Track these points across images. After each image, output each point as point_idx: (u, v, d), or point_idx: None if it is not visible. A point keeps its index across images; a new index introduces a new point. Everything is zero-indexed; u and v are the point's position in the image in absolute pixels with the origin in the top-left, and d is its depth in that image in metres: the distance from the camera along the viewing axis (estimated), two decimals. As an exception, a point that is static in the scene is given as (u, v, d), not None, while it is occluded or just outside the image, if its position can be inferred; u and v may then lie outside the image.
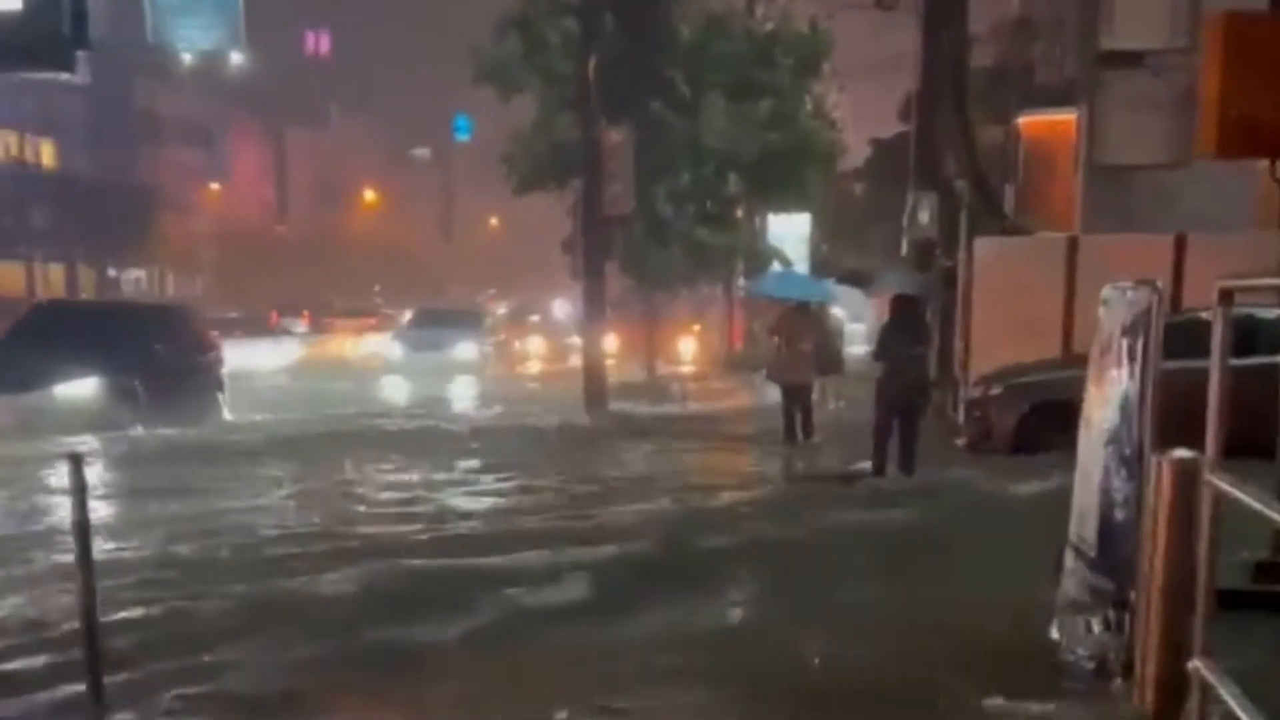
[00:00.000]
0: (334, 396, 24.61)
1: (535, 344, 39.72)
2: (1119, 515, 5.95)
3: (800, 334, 16.79)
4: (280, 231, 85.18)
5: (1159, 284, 5.85)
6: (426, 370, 28.97)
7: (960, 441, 15.63)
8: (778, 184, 28.27)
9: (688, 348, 36.07)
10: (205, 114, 78.62)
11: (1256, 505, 4.05)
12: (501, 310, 53.34)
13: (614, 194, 19.32)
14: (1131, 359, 5.96)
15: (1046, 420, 14.35)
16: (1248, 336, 12.99)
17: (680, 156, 25.84)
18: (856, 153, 41.60)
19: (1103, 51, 17.67)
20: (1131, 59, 17.57)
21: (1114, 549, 6.00)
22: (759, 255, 30.70)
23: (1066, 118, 20.14)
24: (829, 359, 19.05)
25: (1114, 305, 6.41)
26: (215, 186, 78.57)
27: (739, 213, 30.67)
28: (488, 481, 13.74)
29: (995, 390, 15.03)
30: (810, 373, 17.02)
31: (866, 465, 13.83)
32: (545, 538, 9.98)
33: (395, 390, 27.70)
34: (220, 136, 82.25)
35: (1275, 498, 4.38)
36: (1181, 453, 5.33)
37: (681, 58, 26.13)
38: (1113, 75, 17.72)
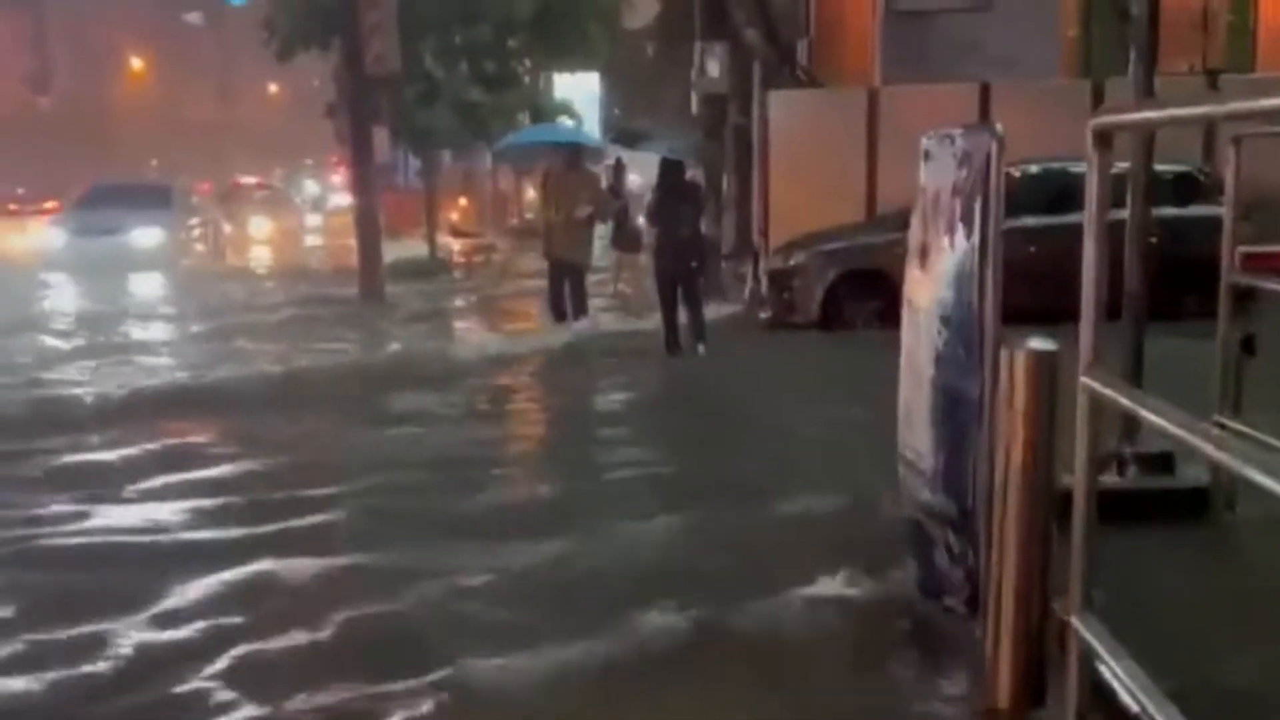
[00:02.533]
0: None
1: (258, 226, 33.84)
2: (957, 418, 4.74)
3: (571, 196, 14.14)
4: (42, 104, 79.91)
5: (999, 128, 4.58)
6: (95, 263, 22.61)
7: (763, 316, 14.54)
8: (559, 39, 26.57)
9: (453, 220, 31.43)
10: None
11: (1151, 416, 2.92)
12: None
13: (377, 52, 17.49)
14: (967, 223, 4.69)
15: (855, 290, 13.48)
16: (1061, 193, 12.16)
17: (451, 13, 23.87)
18: (647, 10, 40.03)
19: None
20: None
21: (952, 459, 4.81)
22: (543, 114, 28.81)
23: None
24: (624, 235, 17.38)
25: (938, 158, 5.12)
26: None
27: (520, 72, 28.81)
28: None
29: (797, 259, 13.94)
30: (584, 248, 14.50)
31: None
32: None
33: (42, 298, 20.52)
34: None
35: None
36: (1038, 343, 4.14)
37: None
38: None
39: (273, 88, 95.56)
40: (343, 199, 39.47)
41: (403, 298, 18.26)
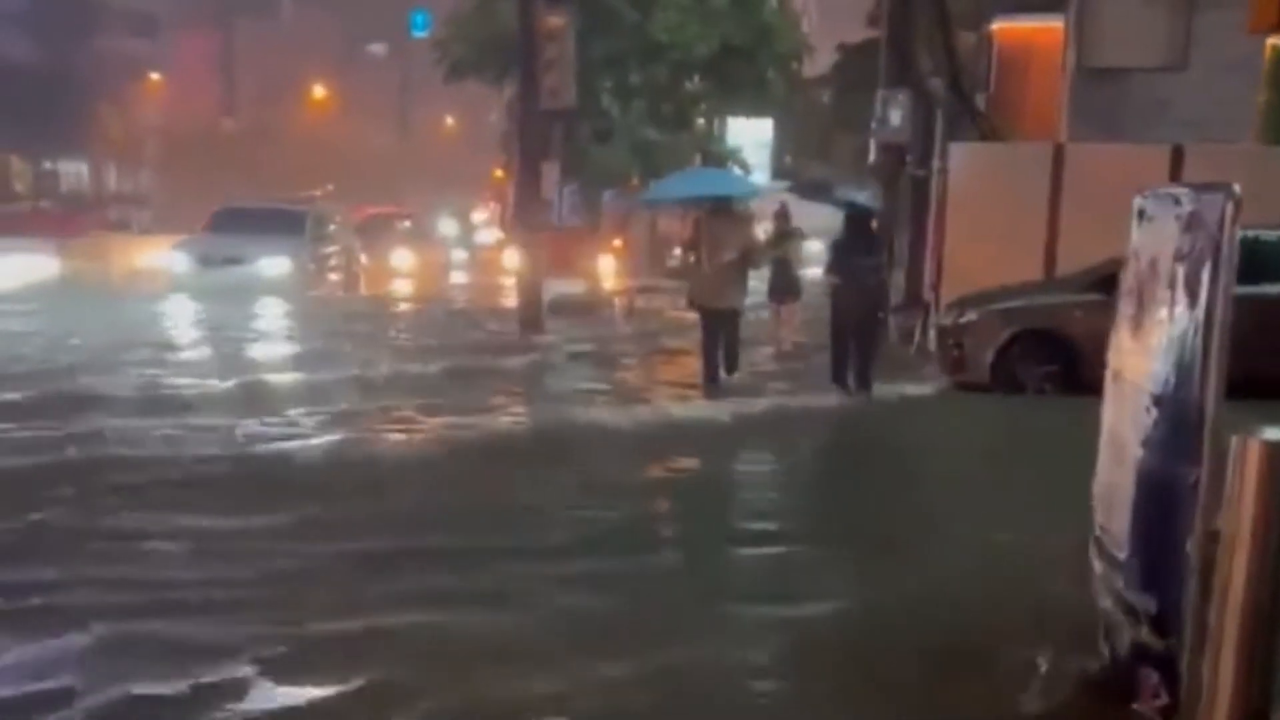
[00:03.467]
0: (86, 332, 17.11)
1: (400, 258, 31.31)
2: (1165, 506, 4.28)
3: (722, 242, 13.02)
4: (227, 126, 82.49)
5: (1236, 189, 4.15)
6: (219, 291, 21.13)
7: (931, 372, 14.03)
8: (736, 83, 26.37)
9: (608, 265, 28.73)
10: (151, 2, 75.98)
11: None
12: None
13: (552, 85, 17.42)
14: (1191, 292, 4.23)
15: (1029, 352, 12.90)
16: (1254, 262, 11.48)
17: (630, 50, 23.84)
18: (823, 59, 39.80)
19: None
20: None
21: (1156, 551, 4.35)
22: (713, 158, 28.67)
23: (1046, 24, 18.61)
24: (784, 279, 16.28)
25: (1158, 219, 4.69)
26: (160, 78, 75.83)
27: (696, 115, 28.71)
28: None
29: (970, 316, 13.38)
30: (737, 292, 13.24)
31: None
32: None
33: (157, 325, 18.79)
34: (167, 26, 79.47)
35: None
36: (1275, 433, 3.69)
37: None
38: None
39: (449, 120, 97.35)
40: (490, 236, 38.93)
41: (560, 343, 17.18)
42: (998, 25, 19.61)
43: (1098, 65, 16.05)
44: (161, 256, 24.42)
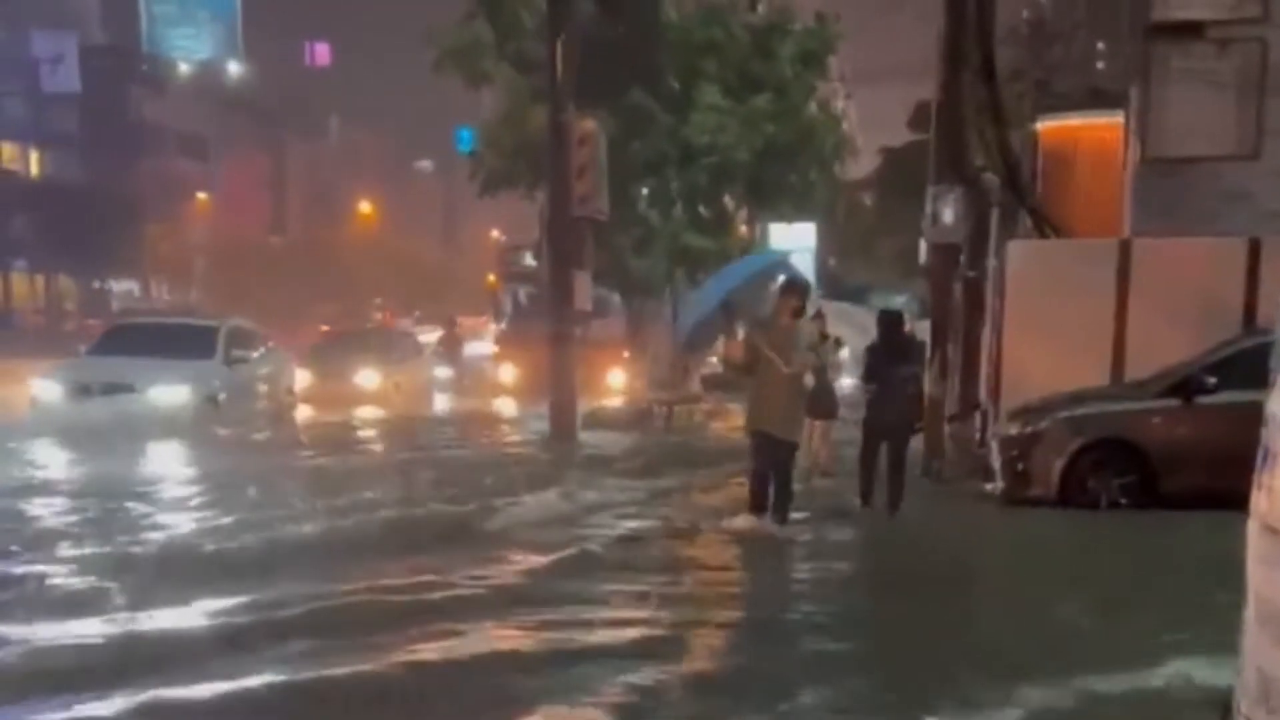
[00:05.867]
0: None
1: (366, 379, 25.64)
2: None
3: (792, 346, 10.65)
4: (275, 243, 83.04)
5: None
6: (94, 428, 16.08)
7: (991, 488, 12.92)
8: (778, 185, 25.59)
9: (616, 380, 26.54)
10: (202, 124, 77.82)
11: None
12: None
13: (584, 191, 16.65)
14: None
15: (1102, 463, 11.85)
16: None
17: (668, 155, 23.12)
18: (865, 163, 39.27)
19: (1156, 23, 14.95)
20: (1191, 30, 14.86)
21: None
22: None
23: (1092, 121, 17.86)
24: (825, 397, 13.83)
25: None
26: (209, 197, 76.77)
27: (738, 221, 27.95)
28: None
29: (1036, 425, 12.31)
30: (797, 419, 11.07)
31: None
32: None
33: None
34: (217, 147, 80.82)
35: None
36: None
37: (671, 44, 23.44)
38: (1168, 51, 14.99)
39: (494, 233, 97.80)
40: (484, 349, 34.79)
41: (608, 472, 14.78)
42: (1041, 125, 18.78)
43: (1164, 155, 15.03)
44: (34, 383, 18.46)
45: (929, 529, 11.65)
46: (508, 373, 28.01)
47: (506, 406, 25.30)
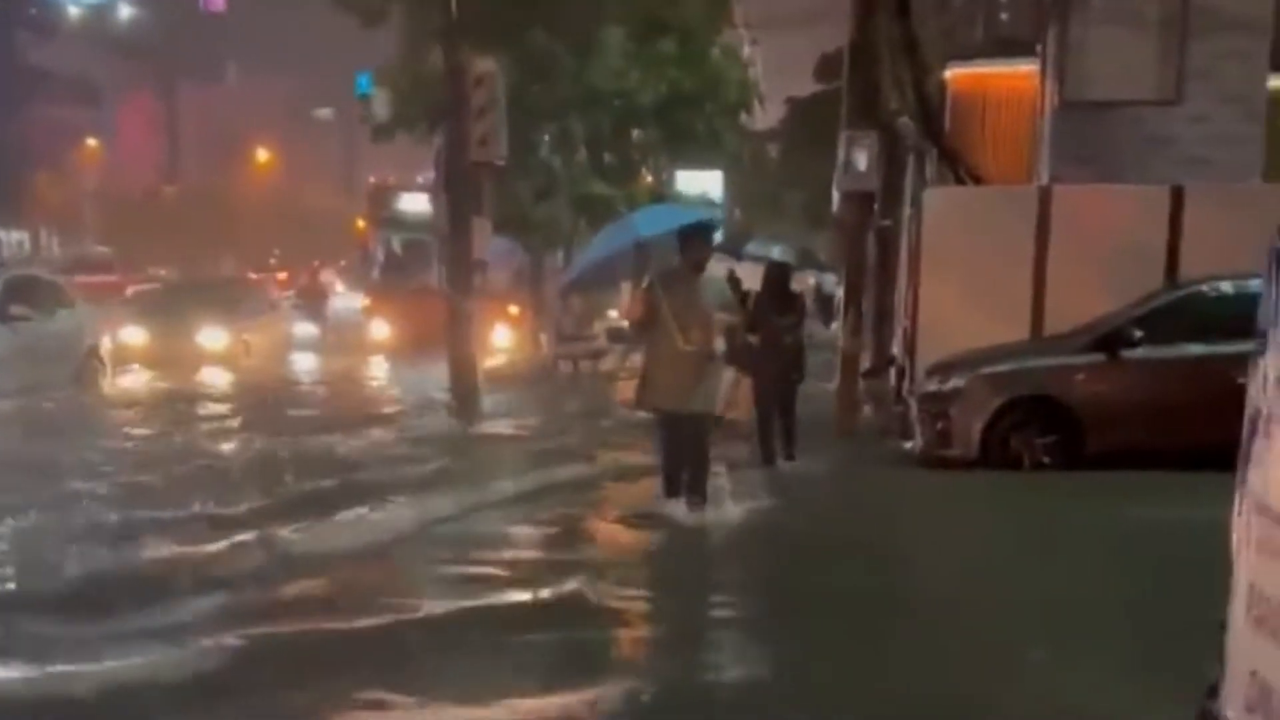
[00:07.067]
0: None
1: (209, 338, 23.19)
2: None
3: (699, 310, 9.16)
4: (168, 192, 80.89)
5: None
6: None
7: (910, 446, 12.39)
8: (685, 133, 24.87)
9: (501, 338, 24.40)
10: (93, 69, 75.27)
11: None
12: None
13: (483, 134, 15.78)
14: None
15: (1024, 421, 11.35)
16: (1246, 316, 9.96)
17: (571, 100, 22.30)
18: (772, 114, 38.73)
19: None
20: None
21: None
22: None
23: (1002, 70, 17.46)
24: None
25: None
26: (101, 144, 74.46)
27: (643, 167, 27.17)
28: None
29: (956, 382, 11.76)
30: (712, 391, 9.50)
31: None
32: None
33: None
34: (109, 93, 78.39)
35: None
36: None
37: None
38: (1089, -10, 14.53)
39: (392, 180, 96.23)
40: (354, 302, 31.86)
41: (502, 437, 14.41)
42: (951, 73, 18.28)
43: (1083, 99, 14.53)
44: None
45: (843, 494, 11.08)
46: (380, 329, 26.08)
47: (379, 369, 23.47)
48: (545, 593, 7.02)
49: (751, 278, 13.77)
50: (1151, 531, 8.07)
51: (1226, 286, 11.13)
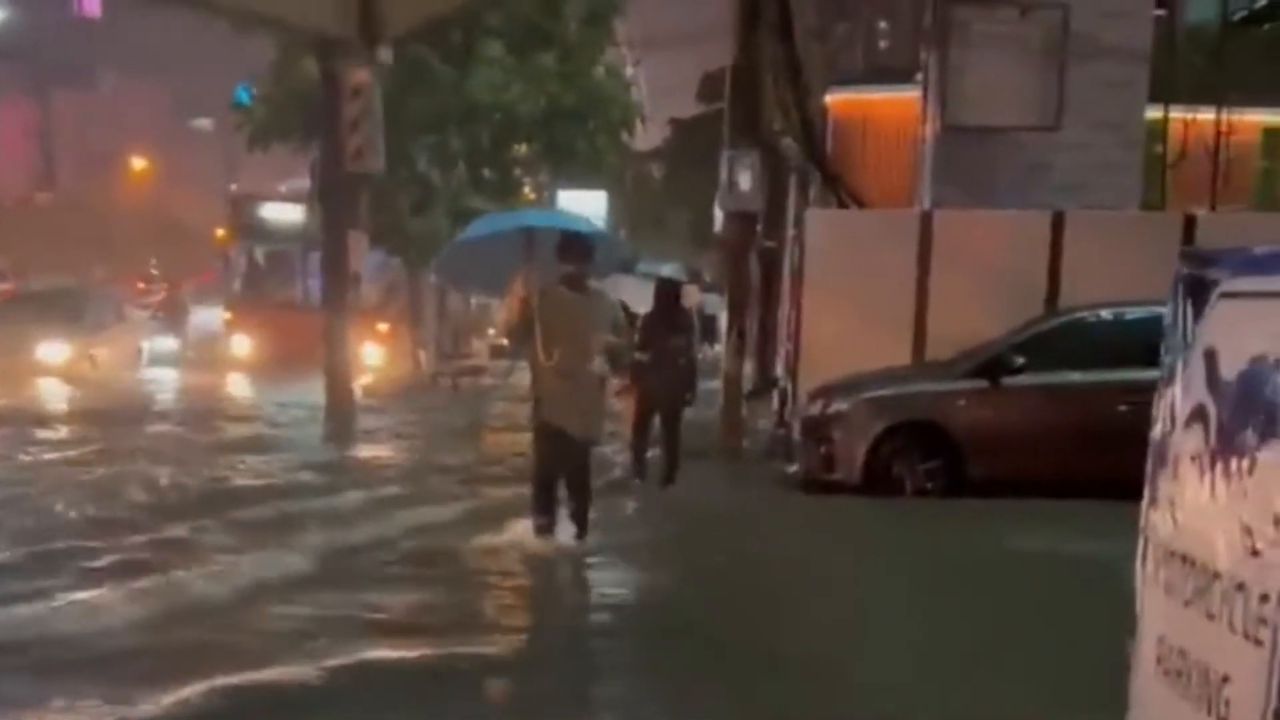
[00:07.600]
0: None
1: (49, 352, 22.06)
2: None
3: (580, 329, 8.65)
4: (42, 199, 78.74)
5: None
6: None
7: (792, 470, 12.24)
8: (566, 149, 24.60)
9: (371, 355, 23.28)
10: (-42, 72, 72.78)
11: None
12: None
13: (358, 146, 15.35)
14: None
15: (907, 447, 11.24)
16: (1144, 343, 9.94)
17: (449, 112, 21.91)
18: (654, 134, 38.66)
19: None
20: (993, -5, 14.45)
21: None
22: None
23: (882, 96, 17.79)
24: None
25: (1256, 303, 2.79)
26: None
27: (524, 184, 26.82)
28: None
29: (840, 406, 11.62)
30: (598, 412, 9.10)
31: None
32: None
33: None
34: (-25, 96, 76.02)
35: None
36: None
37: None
38: (969, 15, 14.53)
39: (283, 189, 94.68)
40: (212, 317, 30.08)
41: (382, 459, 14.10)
42: (832, 97, 18.32)
43: (963, 124, 14.52)
44: None
45: (722, 518, 10.78)
46: (240, 344, 25.25)
47: (240, 387, 22.57)
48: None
49: (638, 295, 13.58)
50: (1029, 562, 8.00)
51: (1106, 314, 11.16)
